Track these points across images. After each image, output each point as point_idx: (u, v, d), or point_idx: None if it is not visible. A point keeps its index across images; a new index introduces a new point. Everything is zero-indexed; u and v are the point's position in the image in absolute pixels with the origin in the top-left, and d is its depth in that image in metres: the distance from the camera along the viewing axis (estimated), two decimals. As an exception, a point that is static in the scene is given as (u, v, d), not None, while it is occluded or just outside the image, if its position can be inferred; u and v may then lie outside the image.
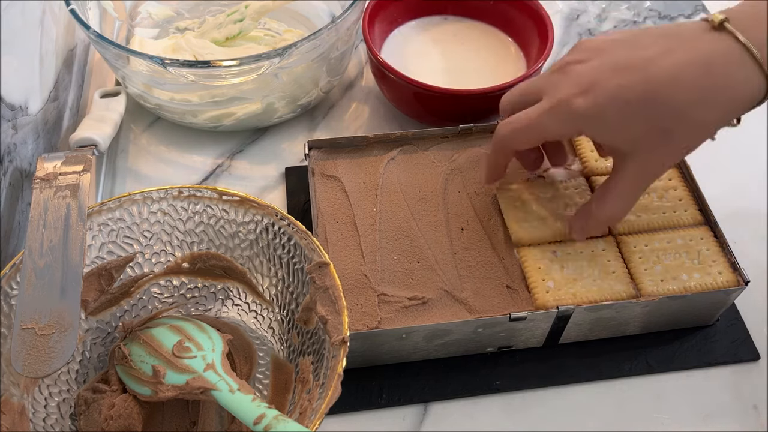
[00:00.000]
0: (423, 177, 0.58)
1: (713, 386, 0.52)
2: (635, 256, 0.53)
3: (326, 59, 0.63)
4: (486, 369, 0.52)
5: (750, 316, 0.55)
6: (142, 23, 0.72)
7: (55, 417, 0.46)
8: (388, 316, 0.50)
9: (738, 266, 0.51)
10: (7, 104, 0.54)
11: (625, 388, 0.52)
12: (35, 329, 0.41)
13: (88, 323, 0.50)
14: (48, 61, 0.63)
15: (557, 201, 0.56)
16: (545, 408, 0.51)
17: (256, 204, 0.50)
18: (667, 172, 0.57)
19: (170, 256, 0.52)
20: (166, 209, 0.51)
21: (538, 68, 0.62)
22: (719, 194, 0.58)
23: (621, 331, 0.53)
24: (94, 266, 0.49)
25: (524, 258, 0.53)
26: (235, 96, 0.62)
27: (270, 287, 0.51)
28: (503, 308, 0.51)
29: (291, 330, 0.50)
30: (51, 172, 0.51)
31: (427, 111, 0.65)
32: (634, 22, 0.79)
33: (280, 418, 0.40)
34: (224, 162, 0.66)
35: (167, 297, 0.53)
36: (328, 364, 0.43)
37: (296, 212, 0.61)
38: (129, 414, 0.46)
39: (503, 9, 0.69)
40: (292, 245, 0.49)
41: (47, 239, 0.46)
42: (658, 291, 0.51)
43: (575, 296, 0.51)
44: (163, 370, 0.45)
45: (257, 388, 0.50)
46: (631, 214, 0.55)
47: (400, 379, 0.52)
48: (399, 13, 0.70)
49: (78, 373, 0.49)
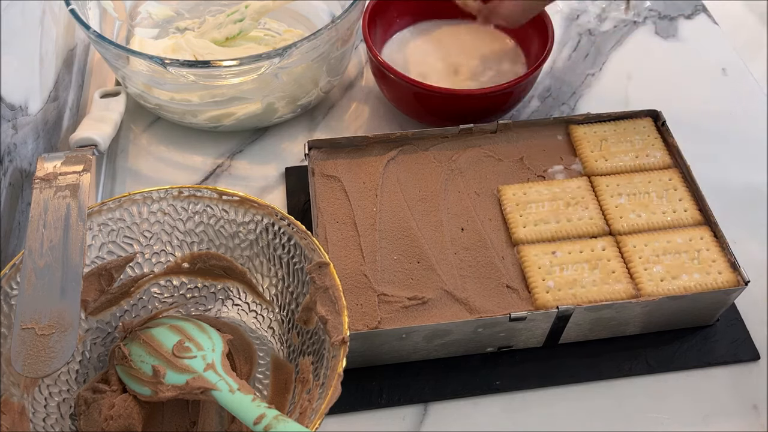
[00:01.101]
0: (423, 177, 0.58)
1: (713, 386, 0.52)
2: (635, 256, 0.53)
3: (326, 59, 0.63)
4: (486, 369, 0.52)
5: (750, 316, 0.55)
6: (142, 23, 0.72)
7: (55, 417, 0.46)
8: (388, 316, 0.50)
9: (738, 266, 0.51)
10: (7, 104, 0.54)
11: (625, 388, 0.52)
12: (35, 329, 0.41)
13: (88, 323, 0.50)
14: (48, 61, 0.63)
15: (557, 201, 0.56)
16: (545, 408, 0.51)
17: (256, 204, 0.50)
18: (667, 173, 0.57)
19: (170, 256, 0.52)
20: (166, 209, 0.51)
21: (538, 68, 0.62)
22: (719, 194, 0.58)
23: (621, 331, 0.53)
24: (94, 266, 0.49)
25: (524, 258, 0.53)
26: (235, 96, 0.62)
27: (270, 287, 0.51)
28: (503, 308, 0.51)
29: (291, 330, 0.50)
30: (51, 172, 0.51)
31: (427, 111, 0.65)
32: (634, 22, 0.79)
33: (280, 418, 0.40)
34: (224, 162, 0.66)
35: (167, 297, 0.53)
36: (328, 364, 0.43)
37: (296, 212, 0.61)
38: (129, 414, 0.46)
39: (503, 9, 0.69)
40: (292, 245, 0.49)
41: (47, 239, 0.46)
42: (658, 291, 0.51)
43: (575, 296, 0.51)
44: (163, 370, 0.45)
45: (257, 388, 0.50)
46: (631, 213, 0.55)
47: (400, 379, 0.52)
48: (399, 15, 0.70)
49: (78, 373, 0.49)
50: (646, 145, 0.60)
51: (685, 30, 0.78)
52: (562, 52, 0.76)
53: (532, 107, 0.71)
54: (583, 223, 0.55)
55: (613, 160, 0.59)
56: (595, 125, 0.61)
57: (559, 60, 0.75)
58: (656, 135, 0.60)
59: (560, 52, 0.76)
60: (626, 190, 0.57)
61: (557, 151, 0.60)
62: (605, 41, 0.77)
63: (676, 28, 0.79)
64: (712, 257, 0.52)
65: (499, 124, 0.61)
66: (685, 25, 0.79)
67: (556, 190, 0.57)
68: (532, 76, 0.62)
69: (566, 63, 0.75)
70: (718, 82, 0.73)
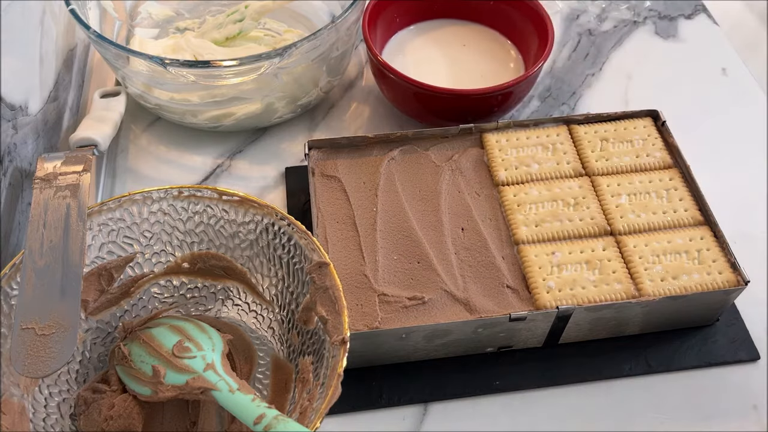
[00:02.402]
0: (423, 177, 0.58)
1: (713, 386, 0.52)
2: (635, 256, 0.53)
3: (326, 59, 0.63)
4: (486, 369, 0.52)
5: (750, 316, 0.55)
6: (142, 23, 0.72)
7: (55, 417, 0.46)
8: (388, 316, 0.50)
9: (738, 266, 0.51)
10: (7, 104, 0.54)
11: (625, 388, 0.52)
12: (35, 329, 0.41)
13: (88, 323, 0.50)
14: (48, 61, 0.63)
15: (557, 201, 0.56)
16: (545, 408, 0.51)
17: (256, 204, 0.50)
18: (667, 172, 0.57)
19: (170, 256, 0.52)
20: (166, 209, 0.51)
21: (538, 68, 0.62)
22: (719, 194, 0.58)
23: (621, 331, 0.53)
24: (94, 266, 0.49)
25: (524, 258, 0.53)
26: (235, 96, 0.62)
27: (270, 287, 0.51)
28: (503, 308, 0.51)
29: (291, 330, 0.50)
30: (51, 172, 0.50)
31: (427, 111, 0.65)
32: (634, 22, 0.79)
33: (280, 418, 0.40)
34: (224, 162, 0.66)
35: (167, 297, 0.53)
36: (328, 364, 0.43)
37: (296, 212, 0.61)
38: (129, 414, 0.46)
39: (503, 10, 0.69)
40: (292, 245, 0.49)
41: (47, 239, 0.46)
42: (658, 291, 0.51)
43: (575, 296, 0.51)
44: (163, 370, 0.45)
45: (257, 388, 0.50)
46: (631, 213, 0.55)
47: (400, 379, 0.52)
48: (399, 15, 0.70)
49: (78, 373, 0.49)
50: (646, 145, 0.60)
51: (685, 30, 0.78)
52: (562, 52, 0.76)
53: (532, 107, 0.71)
54: (583, 223, 0.55)
55: (613, 160, 0.59)
56: (595, 125, 0.61)
57: (559, 60, 0.75)
58: (656, 135, 0.60)
59: (560, 52, 0.76)
60: (626, 190, 0.57)
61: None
62: (605, 41, 0.77)
63: (676, 28, 0.79)
64: (712, 257, 0.52)
65: (499, 124, 0.61)
66: (685, 25, 0.79)
67: (557, 190, 0.57)
68: (532, 76, 0.62)
69: (566, 63, 0.75)
70: (718, 82, 0.73)
